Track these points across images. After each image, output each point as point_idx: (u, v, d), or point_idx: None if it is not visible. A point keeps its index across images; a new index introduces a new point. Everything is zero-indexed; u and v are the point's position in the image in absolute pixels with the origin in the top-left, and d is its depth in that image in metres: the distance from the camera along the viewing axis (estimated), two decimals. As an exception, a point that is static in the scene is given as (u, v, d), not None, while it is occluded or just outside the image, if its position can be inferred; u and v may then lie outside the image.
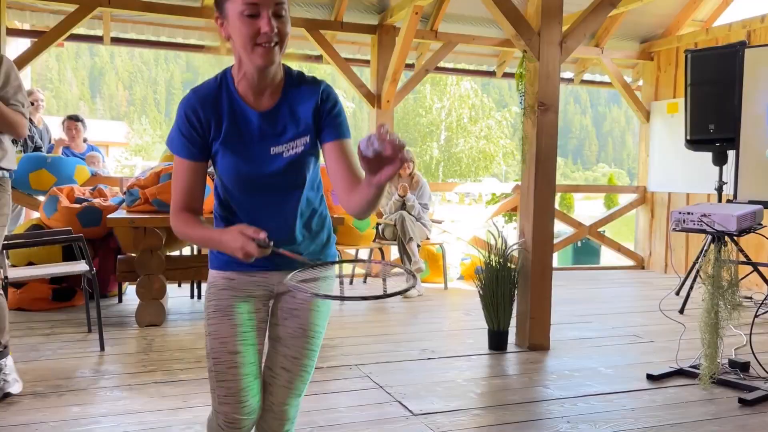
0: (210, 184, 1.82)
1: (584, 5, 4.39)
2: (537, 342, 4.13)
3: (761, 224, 3.71)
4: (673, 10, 7.62)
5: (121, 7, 5.99)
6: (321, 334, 1.68)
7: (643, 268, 8.18)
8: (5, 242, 3.80)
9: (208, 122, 1.51)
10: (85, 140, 6.47)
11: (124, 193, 5.00)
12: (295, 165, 1.56)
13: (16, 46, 6.46)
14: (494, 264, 4.19)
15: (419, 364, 3.81)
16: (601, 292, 6.63)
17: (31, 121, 5.91)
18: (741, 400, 3.24)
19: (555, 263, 5.11)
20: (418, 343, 4.24)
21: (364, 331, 4.57)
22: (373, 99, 6.95)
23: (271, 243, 1.33)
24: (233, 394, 1.55)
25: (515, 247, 4.25)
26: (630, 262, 8.34)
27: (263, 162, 1.53)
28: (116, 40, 6.92)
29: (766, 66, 5.24)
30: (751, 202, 5.15)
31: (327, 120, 1.58)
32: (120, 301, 5.30)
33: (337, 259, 1.62)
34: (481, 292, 4.22)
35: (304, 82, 1.61)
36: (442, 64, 7.63)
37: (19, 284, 4.26)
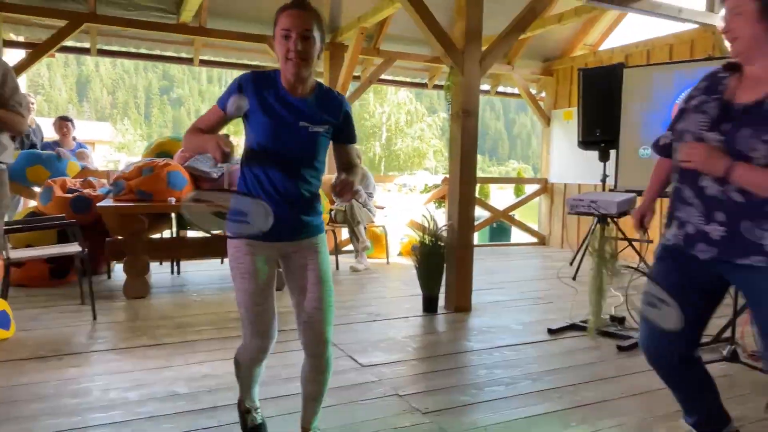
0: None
1: (499, 29, 4.43)
2: (461, 305, 4.20)
3: (635, 208, 3.85)
4: (568, 36, 7.79)
5: (106, 23, 5.75)
6: (329, 273, 1.88)
7: (544, 244, 8.36)
8: (7, 227, 3.63)
9: (251, 91, 1.74)
10: (74, 138, 6.20)
11: (111, 184, 4.84)
12: (313, 140, 1.78)
13: (12, 57, 6.13)
14: (427, 242, 4.25)
15: (366, 325, 3.83)
16: (511, 264, 6.76)
17: None
18: (619, 347, 3.39)
19: (475, 241, 5.18)
20: (365, 308, 4.26)
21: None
22: (326, 105, 6.88)
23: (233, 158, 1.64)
24: (262, 332, 1.83)
25: (444, 228, 4.31)
26: (534, 240, 8.50)
27: (292, 130, 1.74)
28: (102, 52, 6.63)
29: (639, 83, 5.40)
30: (627, 191, 5.34)
31: (345, 126, 1.88)
32: (109, 277, 5.13)
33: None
34: (417, 266, 4.27)
35: (331, 92, 1.90)
36: (383, 77, 7.57)
37: (19, 263, 4.08)
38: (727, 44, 1.71)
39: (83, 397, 2.52)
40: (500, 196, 26.52)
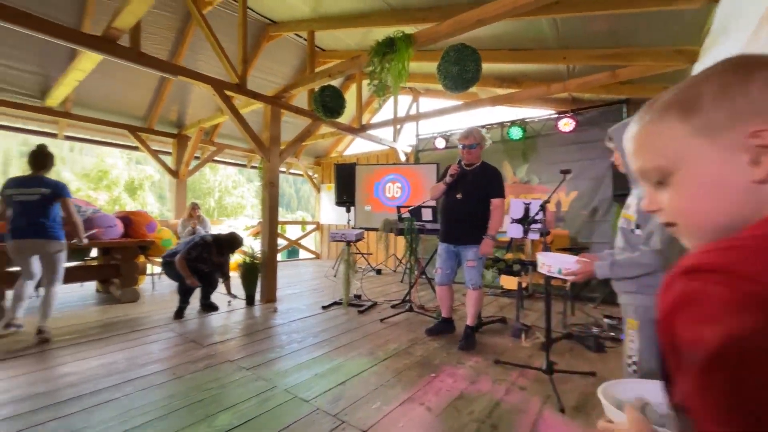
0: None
1: (290, 137, 4.46)
2: (270, 298, 3.96)
3: (363, 237, 4.20)
4: (328, 144, 8.15)
5: None
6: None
7: (319, 258, 8.43)
8: None
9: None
10: None
11: None
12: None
13: None
14: (249, 261, 3.98)
15: (208, 317, 3.33)
16: (300, 271, 6.58)
17: None
18: (359, 311, 3.51)
19: (279, 258, 5.00)
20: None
21: (169, 306, 3.82)
22: (175, 174, 5.95)
23: None
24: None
25: (259, 251, 4.09)
26: (313, 256, 8.49)
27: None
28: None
29: (363, 173, 5.97)
30: (360, 227, 5.85)
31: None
32: None
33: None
34: (240, 276, 3.94)
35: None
36: (218, 158, 6.92)
37: None
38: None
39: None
40: (292, 231, 26.01)
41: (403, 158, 6.51)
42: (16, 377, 2.04)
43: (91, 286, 4.56)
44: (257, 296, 4.02)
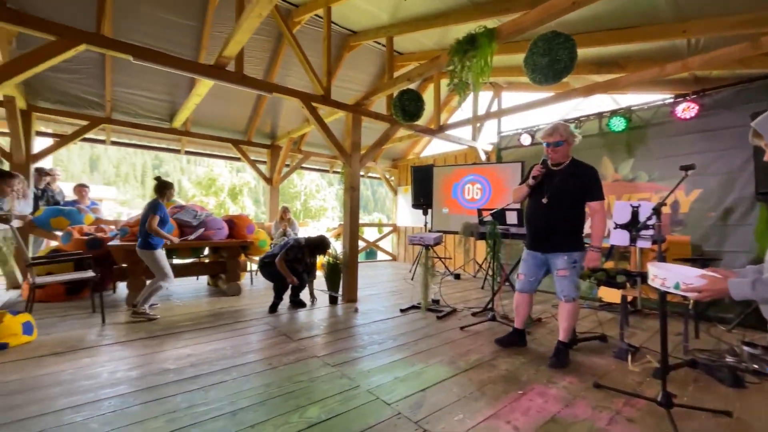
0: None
1: (369, 142, 4.57)
2: (351, 298, 4.12)
3: (442, 242, 4.11)
4: (405, 147, 8.24)
5: (119, 125, 5.08)
6: None
7: (396, 260, 8.57)
8: (36, 259, 2.99)
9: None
10: (89, 198, 5.30)
11: (119, 229, 4.18)
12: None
13: (40, 143, 5.15)
14: (332, 261, 4.20)
15: (297, 313, 3.59)
16: (378, 272, 6.73)
17: (50, 186, 4.77)
18: (437, 317, 3.45)
19: (359, 259, 5.18)
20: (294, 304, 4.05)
21: (264, 300, 4.25)
22: (269, 180, 6.64)
23: None
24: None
25: (341, 252, 4.30)
26: (390, 258, 8.64)
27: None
28: (113, 143, 5.83)
29: (441, 174, 5.91)
30: (437, 230, 5.77)
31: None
32: (114, 292, 4.35)
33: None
34: (324, 276, 4.19)
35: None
36: (304, 165, 7.50)
37: (42, 286, 3.33)
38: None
39: (95, 379, 2.10)
40: (370, 233, 26.91)
41: (483, 157, 6.27)
42: (151, 354, 2.49)
43: (204, 279, 5.32)
44: (339, 295, 4.20)
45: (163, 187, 3.36)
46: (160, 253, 3.33)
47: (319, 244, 3.79)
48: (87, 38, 2.78)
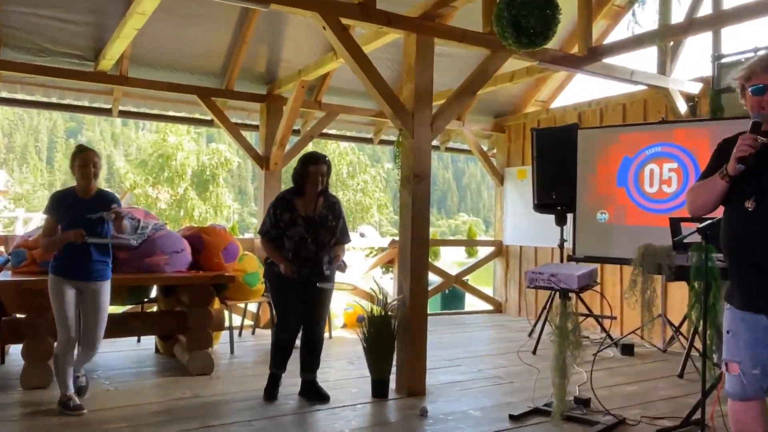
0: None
1: (449, 84, 4.51)
2: (415, 388, 4.16)
3: (597, 281, 3.99)
4: (519, 92, 8.20)
5: (11, 70, 5.61)
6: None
7: (500, 311, 8.51)
8: None
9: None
10: None
11: (10, 253, 4.60)
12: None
13: None
14: (376, 314, 4.24)
15: (309, 415, 3.73)
16: (466, 336, 6.80)
17: None
18: None
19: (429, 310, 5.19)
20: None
21: (253, 384, 4.37)
22: (262, 161, 6.91)
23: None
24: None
25: (395, 302, 4.32)
26: (490, 307, 8.64)
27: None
28: (4, 101, 6.48)
29: (594, 144, 5.75)
30: (586, 258, 5.57)
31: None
32: (2, 362, 4.80)
33: None
34: (365, 344, 4.23)
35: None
36: (325, 131, 7.68)
37: None
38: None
39: None
40: (450, 253, 26.95)
41: (683, 110, 6.09)
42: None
43: (150, 342, 5.65)
44: (391, 380, 4.23)
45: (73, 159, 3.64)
46: (53, 284, 3.55)
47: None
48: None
